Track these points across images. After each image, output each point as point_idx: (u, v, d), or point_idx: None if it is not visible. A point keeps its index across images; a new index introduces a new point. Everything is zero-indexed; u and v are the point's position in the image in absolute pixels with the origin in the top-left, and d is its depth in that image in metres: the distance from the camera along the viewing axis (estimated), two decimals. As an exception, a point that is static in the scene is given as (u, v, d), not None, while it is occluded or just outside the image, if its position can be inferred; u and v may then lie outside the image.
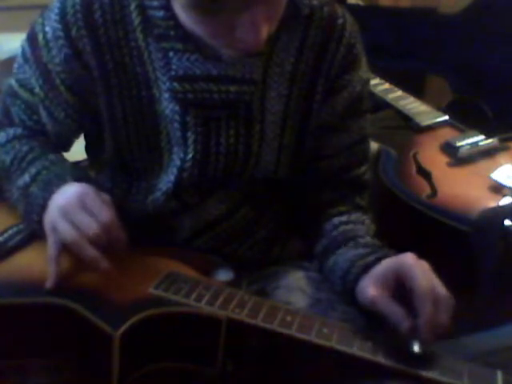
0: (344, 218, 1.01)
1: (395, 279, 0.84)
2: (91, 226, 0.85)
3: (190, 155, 0.96)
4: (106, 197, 0.90)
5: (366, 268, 0.89)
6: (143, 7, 0.92)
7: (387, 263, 0.87)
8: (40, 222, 0.89)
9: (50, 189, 0.90)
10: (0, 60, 1.79)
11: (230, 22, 0.79)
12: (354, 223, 1.00)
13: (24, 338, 0.84)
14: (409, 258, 0.85)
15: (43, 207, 0.89)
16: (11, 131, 1.02)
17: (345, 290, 0.92)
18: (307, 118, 0.99)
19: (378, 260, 0.89)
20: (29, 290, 0.85)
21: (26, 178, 0.95)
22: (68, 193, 0.88)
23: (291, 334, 0.79)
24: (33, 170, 0.95)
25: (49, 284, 0.84)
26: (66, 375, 0.84)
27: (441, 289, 0.81)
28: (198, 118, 0.94)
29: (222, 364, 0.82)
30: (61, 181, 0.91)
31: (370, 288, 0.85)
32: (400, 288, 0.84)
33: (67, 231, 0.85)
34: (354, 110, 1.01)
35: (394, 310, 0.82)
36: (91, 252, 0.85)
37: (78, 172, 0.95)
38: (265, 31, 0.80)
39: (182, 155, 0.96)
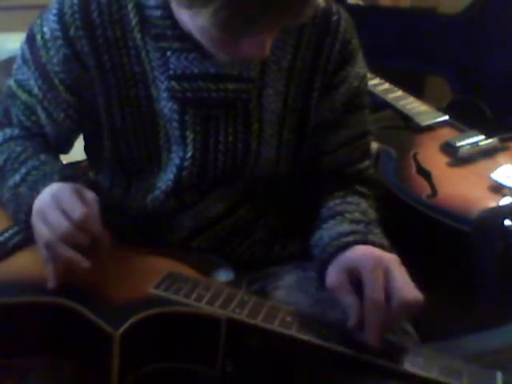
0: (338, 201, 1.00)
1: (356, 273, 0.83)
2: (62, 225, 0.82)
3: (189, 154, 0.96)
4: (87, 193, 0.87)
5: (338, 251, 0.88)
6: (140, 7, 0.92)
7: (354, 254, 0.86)
8: (27, 221, 0.88)
9: (37, 188, 0.89)
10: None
11: (238, 42, 0.81)
12: (348, 203, 0.99)
13: (24, 337, 0.84)
14: (369, 259, 0.83)
15: (30, 206, 0.88)
16: (8, 132, 1.02)
17: (319, 269, 0.91)
18: (306, 115, 1.00)
19: (350, 244, 0.87)
20: (29, 290, 0.85)
21: (17, 178, 0.94)
22: (46, 194, 0.87)
23: (291, 334, 0.79)
24: (23, 170, 0.95)
25: (50, 284, 0.84)
26: (66, 375, 0.84)
27: (397, 295, 0.78)
28: (196, 117, 0.95)
29: (222, 364, 0.82)
30: (47, 181, 0.90)
31: (332, 275, 0.85)
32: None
33: (44, 233, 0.84)
34: (353, 105, 1.01)
35: (348, 303, 0.81)
36: (66, 251, 0.82)
37: (66, 171, 0.94)
38: (269, 45, 0.82)
39: (181, 154, 0.96)
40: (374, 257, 0.83)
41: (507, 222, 1.23)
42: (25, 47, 0.99)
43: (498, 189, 1.35)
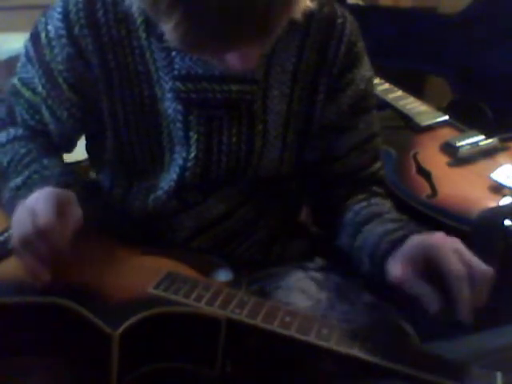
0: (364, 204, 1.00)
1: (424, 260, 0.81)
2: (27, 228, 0.80)
3: (193, 154, 0.96)
4: (74, 208, 0.84)
5: (394, 245, 0.86)
6: None
7: (415, 242, 0.84)
8: None
9: (33, 191, 0.87)
10: (0, 60, 1.79)
11: (219, 55, 0.80)
12: (376, 204, 0.99)
13: (23, 337, 0.84)
14: (437, 239, 0.82)
15: None
16: (12, 131, 1.02)
17: (373, 268, 0.90)
18: (310, 118, 0.99)
19: (406, 236, 0.86)
20: (28, 290, 0.85)
21: (19, 180, 0.95)
22: (34, 194, 0.85)
23: (291, 334, 0.79)
24: (26, 173, 0.95)
25: (40, 282, 0.82)
26: (65, 375, 0.84)
27: (475, 266, 0.78)
28: (200, 118, 0.95)
29: (222, 364, 0.82)
30: (44, 184, 0.89)
31: (397, 267, 0.82)
32: (430, 267, 0.81)
33: (14, 232, 0.82)
34: (360, 108, 1.01)
35: (423, 291, 0.79)
36: (26, 257, 0.80)
37: (63, 177, 0.94)
38: (254, 58, 0.80)
39: (184, 154, 0.96)
40: (442, 237, 0.82)
41: (507, 222, 1.23)
42: (29, 45, 0.99)
43: (498, 189, 1.34)
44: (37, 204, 0.82)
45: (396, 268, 0.82)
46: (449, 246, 0.80)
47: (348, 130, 1.01)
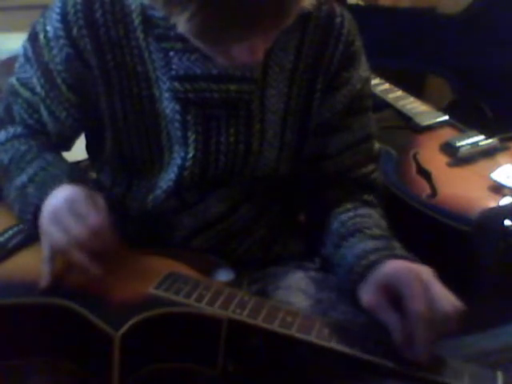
0: (351, 214, 0.99)
1: (394, 289, 0.81)
2: (79, 231, 0.84)
3: (191, 154, 0.96)
4: (99, 199, 0.89)
5: (368, 268, 0.86)
6: (143, 7, 0.92)
7: (387, 270, 0.84)
8: (33, 221, 0.89)
9: (44, 190, 0.90)
10: (0, 60, 1.79)
11: (228, 48, 0.80)
12: (361, 216, 0.98)
13: (24, 338, 0.84)
14: (406, 272, 0.81)
15: (37, 207, 0.89)
16: (11, 130, 1.02)
17: (350, 286, 0.90)
18: (307, 116, 0.99)
19: (380, 261, 0.86)
20: (29, 291, 0.85)
21: (24, 178, 0.95)
22: (59, 197, 0.88)
23: (292, 334, 0.79)
24: (30, 171, 0.95)
25: (43, 284, 0.84)
26: (67, 376, 0.84)
27: (438, 308, 0.77)
28: (198, 117, 0.95)
29: (223, 364, 0.82)
30: (56, 182, 0.91)
31: (368, 294, 0.83)
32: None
33: (57, 236, 0.85)
34: (355, 108, 1.01)
35: (389, 320, 0.79)
36: (79, 257, 0.84)
37: (74, 173, 0.95)
38: (261, 52, 0.81)
39: (182, 154, 0.96)
40: (410, 270, 0.81)
41: (507, 222, 1.23)
42: (27, 45, 0.99)
43: (498, 189, 1.35)
44: (80, 208, 0.85)
45: (367, 295, 0.83)
46: (415, 283, 0.78)
47: (342, 130, 1.01)
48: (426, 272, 0.81)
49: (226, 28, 0.74)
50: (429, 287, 0.78)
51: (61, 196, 0.88)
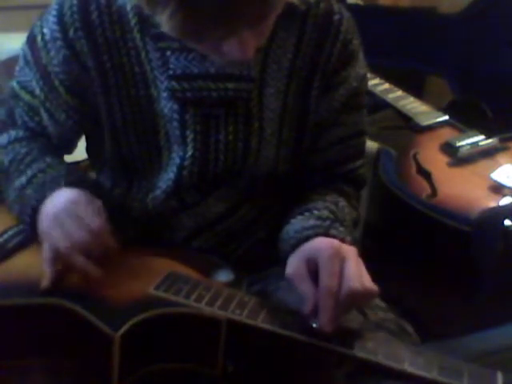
0: (315, 197, 0.99)
1: (314, 263, 0.82)
2: (80, 235, 0.85)
3: (190, 153, 0.96)
4: (98, 203, 0.90)
5: (300, 242, 0.88)
6: (139, 7, 0.92)
7: (314, 245, 0.86)
8: (31, 223, 0.90)
9: (43, 192, 0.91)
10: (0, 60, 1.79)
11: (217, 44, 0.79)
12: (323, 201, 0.98)
13: (24, 338, 0.84)
14: (326, 247, 0.83)
15: (35, 209, 0.90)
16: (13, 133, 1.03)
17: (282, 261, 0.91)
18: (305, 114, 1.00)
19: (313, 237, 0.87)
20: (29, 291, 0.85)
21: (23, 179, 0.95)
22: (60, 200, 0.89)
23: (291, 334, 0.79)
24: (29, 173, 0.96)
25: (44, 285, 0.85)
26: (66, 376, 0.84)
27: (346, 283, 0.78)
28: (196, 116, 0.95)
29: (223, 365, 0.82)
30: (55, 185, 0.91)
31: (291, 264, 0.85)
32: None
33: (59, 239, 0.85)
34: (351, 105, 1.01)
35: (305, 290, 0.81)
36: (80, 261, 0.85)
37: (73, 176, 0.95)
38: (252, 47, 0.80)
39: (181, 153, 0.96)
40: (331, 246, 0.83)
41: (507, 222, 1.23)
42: (26, 48, 0.99)
43: (498, 189, 1.35)
44: (82, 212, 0.87)
45: (291, 266, 0.85)
46: (333, 258, 0.80)
47: (334, 126, 1.01)
48: (347, 251, 0.83)
49: (207, 24, 0.74)
50: (345, 265, 0.80)
51: (63, 200, 0.88)
